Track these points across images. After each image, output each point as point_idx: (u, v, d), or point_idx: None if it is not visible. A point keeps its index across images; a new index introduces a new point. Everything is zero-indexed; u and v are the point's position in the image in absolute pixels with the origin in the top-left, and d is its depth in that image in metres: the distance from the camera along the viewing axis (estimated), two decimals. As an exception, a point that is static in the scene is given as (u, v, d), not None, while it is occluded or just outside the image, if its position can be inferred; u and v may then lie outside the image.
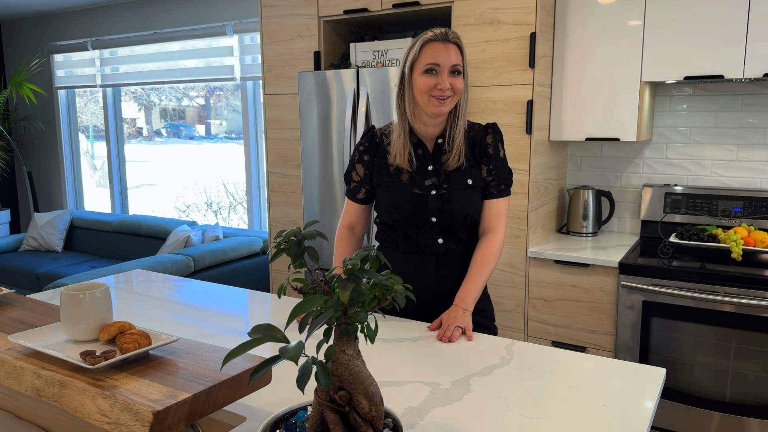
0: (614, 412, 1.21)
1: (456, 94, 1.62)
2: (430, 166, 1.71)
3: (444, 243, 1.73)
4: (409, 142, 1.70)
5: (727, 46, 2.48)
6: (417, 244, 1.75)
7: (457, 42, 1.63)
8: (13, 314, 1.44)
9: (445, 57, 1.59)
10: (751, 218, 2.73)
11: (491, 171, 1.71)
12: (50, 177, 6.01)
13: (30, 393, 1.10)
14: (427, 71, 1.60)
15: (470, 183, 1.70)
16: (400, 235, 1.76)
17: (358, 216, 1.85)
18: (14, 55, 5.99)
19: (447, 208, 1.69)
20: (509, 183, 1.75)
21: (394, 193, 1.71)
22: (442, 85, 1.59)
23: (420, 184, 1.70)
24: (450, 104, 1.63)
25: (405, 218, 1.71)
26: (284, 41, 3.28)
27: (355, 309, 0.93)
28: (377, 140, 1.77)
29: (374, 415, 0.91)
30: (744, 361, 2.34)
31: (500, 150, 1.73)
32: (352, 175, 1.80)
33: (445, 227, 1.72)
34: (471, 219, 1.72)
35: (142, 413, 0.94)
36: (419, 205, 1.70)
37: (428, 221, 1.71)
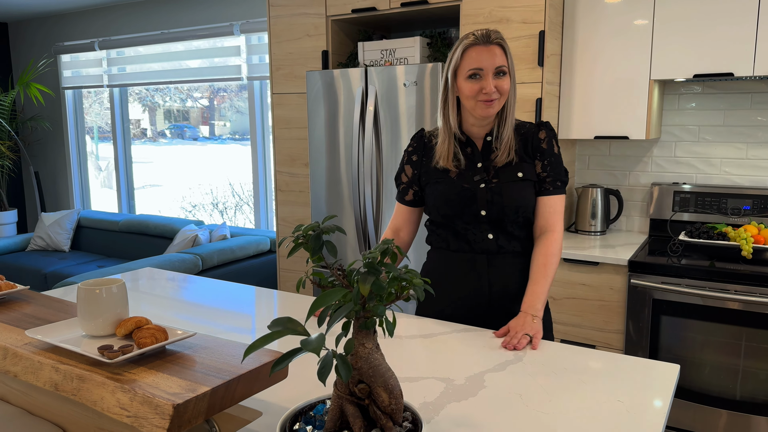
0: (630, 408, 1.21)
1: (503, 95, 1.61)
2: (479, 163, 1.69)
3: (495, 239, 1.68)
4: (456, 141, 1.69)
5: (737, 44, 2.48)
6: (467, 240, 1.70)
7: (499, 42, 1.60)
8: (28, 310, 1.45)
9: (488, 60, 1.57)
10: (761, 216, 2.73)
11: (546, 167, 1.67)
12: (57, 177, 6.04)
13: (48, 387, 1.11)
14: (471, 76, 1.58)
15: (521, 176, 1.66)
16: (450, 232, 1.73)
17: (405, 219, 1.82)
18: (22, 56, 6.01)
19: (497, 200, 1.65)
20: (565, 180, 1.70)
21: (442, 187, 1.69)
22: (488, 89, 1.57)
23: (469, 179, 1.68)
24: (498, 105, 1.62)
25: (454, 212, 1.68)
26: (292, 40, 3.29)
27: (374, 302, 0.93)
28: (425, 141, 1.76)
29: (394, 408, 0.91)
30: (754, 360, 2.33)
31: (554, 146, 1.70)
32: (401, 176, 1.80)
33: (496, 222, 1.67)
34: (523, 213, 1.67)
35: (163, 406, 0.95)
36: (468, 198, 1.66)
37: (477, 215, 1.67)
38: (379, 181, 2.95)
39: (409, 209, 1.81)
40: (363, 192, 2.97)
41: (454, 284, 1.74)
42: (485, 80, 1.57)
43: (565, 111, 2.85)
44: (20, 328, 1.30)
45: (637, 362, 1.44)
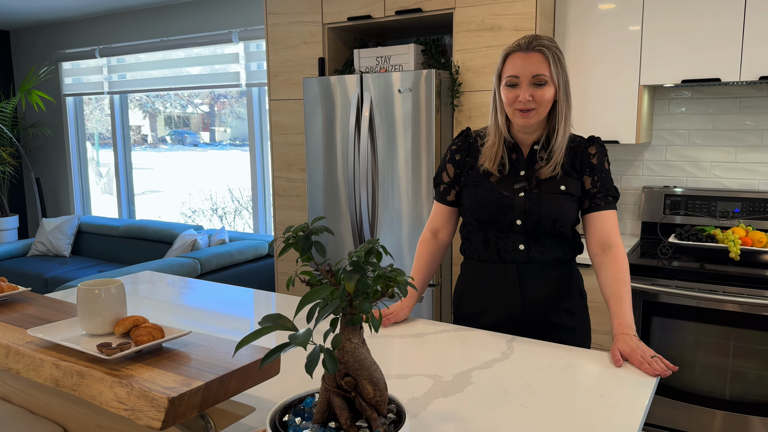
0: (611, 402, 1.25)
1: (541, 104, 1.55)
2: (523, 171, 1.65)
3: (526, 250, 1.64)
4: (504, 146, 1.66)
5: (724, 50, 2.53)
6: (497, 250, 1.67)
7: (541, 49, 1.54)
8: (30, 311, 1.49)
9: (524, 68, 1.54)
10: (750, 219, 2.77)
11: (596, 182, 1.62)
12: (58, 183, 6.09)
13: (49, 383, 1.15)
14: (509, 84, 1.57)
15: (563, 189, 1.61)
16: (481, 240, 1.69)
17: (445, 220, 1.78)
18: (23, 63, 6.07)
19: (534, 210, 1.61)
20: (616, 197, 1.65)
21: (480, 191, 1.66)
22: (522, 98, 1.54)
23: (509, 186, 1.64)
24: (536, 116, 1.57)
25: (489, 218, 1.65)
26: (289, 48, 3.35)
27: (360, 300, 0.98)
28: (471, 141, 1.73)
29: (378, 400, 0.96)
30: (743, 360, 2.37)
31: (605, 162, 1.65)
32: (443, 176, 1.76)
33: (530, 233, 1.63)
34: (560, 227, 1.62)
35: (158, 400, 0.99)
36: (504, 206, 1.63)
37: (512, 224, 1.63)
38: (374, 185, 3.00)
39: (450, 210, 1.77)
40: (359, 196, 3.01)
41: (486, 295, 1.72)
42: (521, 89, 1.55)
43: (557, 116, 2.90)
44: (22, 328, 1.34)
45: (619, 359, 1.48)
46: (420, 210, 2.87)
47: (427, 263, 1.80)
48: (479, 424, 1.16)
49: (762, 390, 2.35)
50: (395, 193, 2.94)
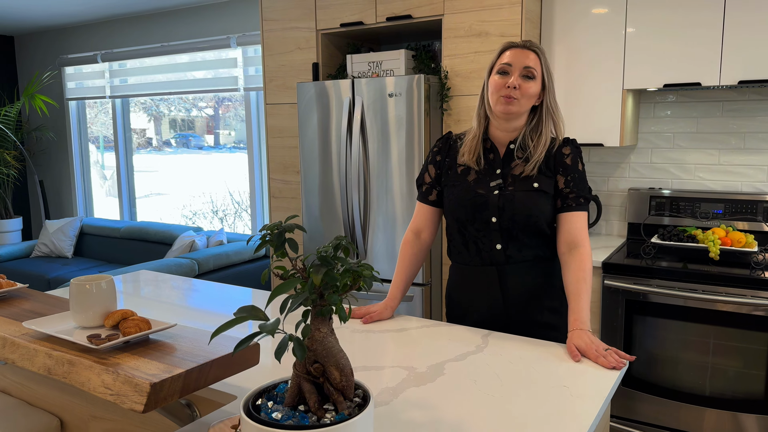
0: (573, 392, 1.32)
1: (524, 96, 1.62)
2: (499, 169, 1.71)
3: (503, 249, 1.69)
4: (482, 145, 1.72)
5: (704, 55, 2.59)
6: (477, 251, 1.73)
7: (536, 50, 1.65)
8: (27, 306, 1.57)
9: (519, 58, 1.62)
10: (732, 220, 2.83)
11: (569, 182, 1.66)
12: (61, 185, 6.19)
13: (42, 371, 1.23)
14: (500, 72, 1.64)
15: (536, 186, 1.66)
16: (461, 242, 1.75)
17: (427, 220, 1.84)
18: (27, 68, 6.18)
19: (508, 207, 1.66)
20: (588, 198, 1.69)
21: (458, 191, 1.72)
22: (510, 83, 1.60)
23: (485, 185, 1.70)
24: (517, 106, 1.63)
25: (465, 217, 1.71)
26: (284, 53, 3.43)
27: (329, 292, 1.05)
28: (451, 142, 1.80)
29: (345, 385, 1.03)
30: (722, 357, 2.44)
31: (578, 163, 1.69)
32: (425, 177, 1.83)
33: (506, 230, 1.68)
34: (534, 222, 1.67)
35: (141, 385, 1.07)
36: (480, 204, 1.69)
37: (488, 222, 1.69)
38: (366, 187, 3.08)
39: (432, 210, 1.83)
40: (351, 198, 3.09)
41: (471, 298, 1.78)
42: (511, 76, 1.62)
43: (544, 119, 2.97)
44: (18, 321, 1.42)
45: (590, 353, 1.55)
46: (411, 211, 2.94)
47: (409, 264, 1.86)
48: (445, 410, 1.23)
49: (741, 386, 2.41)
50: (387, 195, 3.01)
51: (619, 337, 2.62)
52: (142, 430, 1.56)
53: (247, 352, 1.25)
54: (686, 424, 2.54)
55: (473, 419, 1.20)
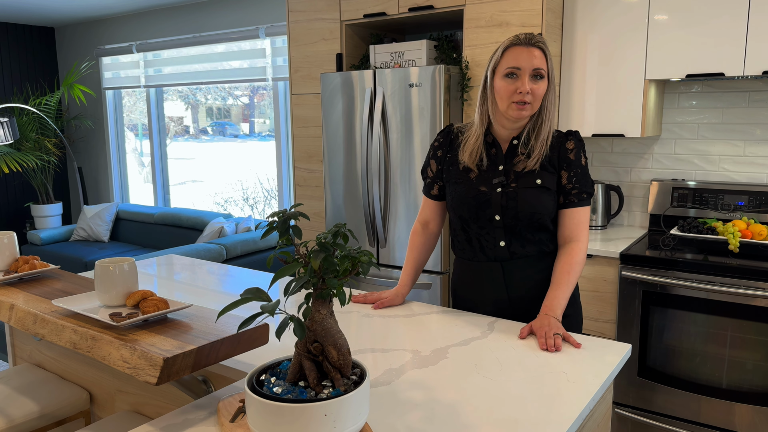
0: (571, 377, 1.36)
1: (536, 99, 1.61)
2: (501, 166, 1.70)
3: (507, 246, 1.70)
4: (484, 142, 1.71)
5: (728, 45, 2.56)
6: (480, 247, 1.74)
7: (541, 46, 1.61)
8: (58, 286, 1.68)
9: (527, 60, 1.58)
10: (754, 212, 2.80)
11: (572, 178, 1.67)
12: (98, 172, 6.41)
13: (68, 346, 1.32)
14: (508, 75, 1.60)
15: (539, 183, 1.66)
16: (465, 238, 1.76)
17: (433, 212, 1.87)
18: (66, 58, 6.40)
19: (511, 205, 1.66)
20: (591, 192, 1.69)
21: (460, 189, 1.72)
22: (522, 89, 1.58)
23: (488, 182, 1.69)
24: (530, 110, 1.62)
25: (469, 215, 1.71)
26: (309, 44, 3.49)
27: (329, 277, 1.11)
28: (452, 137, 1.78)
29: (342, 363, 1.09)
30: (739, 350, 2.42)
31: (582, 158, 1.69)
32: (427, 171, 1.83)
33: (510, 227, 1.69)
34: (538, 220, 1.67)
35: (155, 359, 1.15)
36: (483, 202, 1.69)
37: (492, 220, 1.69)
38: (387, 176, 3.13)
39: (435, 203, 1.85)
40: (372, 187, 3.15)
41: (475, 293, 1.79)
42: (521, 80, 1.58)
43: (565, 110, 2.97)
44: (48, 299, 1.53)
45: (594, 341, 1.58)
46: (429, 200, 2.98)
47: (419, 253, 1.91)
48: (443, 391, 1.29)
49: (758, 380, 2.40)
50: (407, 184, 3.06)
51: (636, 328, 2.63)
52: (162, 402, 1.65)
53: (256, 332, 1.32)
54: (702, 416, 2.53)
55: (468, 400, 1.25)
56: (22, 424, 1.70)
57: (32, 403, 1.76)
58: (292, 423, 0.99)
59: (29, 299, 1.53)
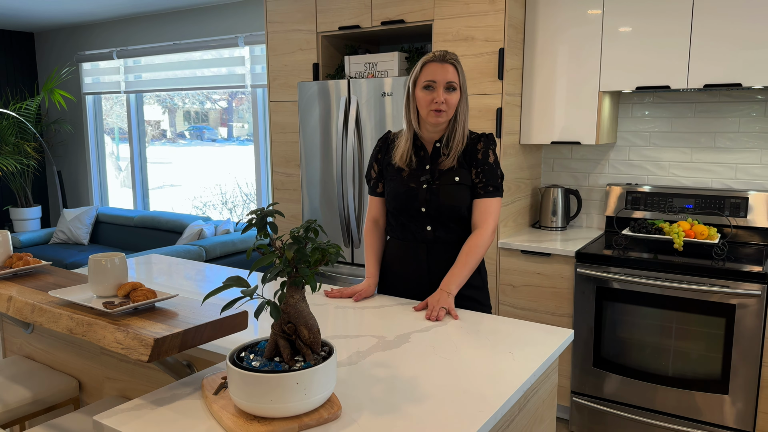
0: (517, 357, 1.54)
1: (450, 107, 1.89)
2: (428, 165, 1.98)
3: (432, 231, 1.99)
4: (413, 145, 1.99)
5: (674, 60, 2.78)
6: (410, 231, 2.02)
7: (453, 62, 1.89)
8: (51, 280, 1.81)
9: (441, 75, 1.87)
10: (701, 214, 3.02)
11: (479, 173, 1.95)
12: (78, 176, 6.47)
13: (65, 331, 1.46)
14: (426, 87, 1.89)
15: (457, 180, 1.95)
16: (398, 223, 2.04)
17: (380, 209, 2.12)
18: (46, 64, 6.46)
19: (434, 199, 1.95)
20: (497, 185, 1.96)
21: (394, 185, 2.01)
22: (438, 99, 1.87)
23: (416, 179, 1.98)
24: (446, 116, 1.90)
25: (400, 207, 2.00)
26: (287, 54, 3.65)
27: (301, 266, 1.27)
28: (389, 142, 2.08)
29: (312, 341, 1.26)
30: (683, 341, 2.64)
31: (489, 156, 1.96)
32: (371, 173, 2.11)
33: (434, 217, 1.97)
34: (456, 211, 1.96)
35: (146, 340, 1.30)
36: (411, 196, 1.97)
37: (419, 211, 1.98)
38: (361, 181, 3.29)
39: (382, 200, 2.11)
40: (346, 191, 3.31)
41: (401, 268, 2.07)
42: (437, 92, 1.87)
43: (526, 119, 3.17)
44: (44, 291, 1.66)
45: (541, 327, 1.76)
46: (400, 203, 3.16)
47: (376, 248, 2.14)
48: (402, 368, 1.46)
49: (701, 368, 2.61)
50: (379, 187, 3.23)
51: (590, 321, 2.83)
52: (149, 387, 1.80)
53: (237, 318, 1.48)
54: (650, 402, 2.74)
55: (424, 375, 1.42)
56: (16, 409, 1.83)
57: (25, 390, 1.89)
58: (268, 391, 1.15)
59: (25, 291, 1.67)
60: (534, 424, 1.59)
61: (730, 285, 2.50)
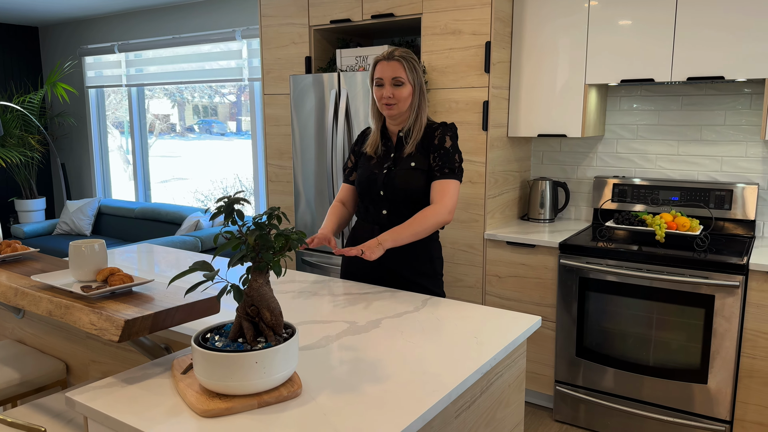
0: (481, 342, 1.59)
1: (399, 101, 2.06)
2: (392, 153, 2.16)
3: (387, 214, 2.15)
4: (381, 136, 2.18)
5: (657, 53, 2.80)
6: (370, 213, 2.19)
7: (399, 59, 2.04)
8: (37, 266, 1.88)
9: (389, 72, 2.04)
10: (686, 206, 3.05)
11: (436, 158, 2.09)
12: (81, 168, 6.57)
13: (45, 314, 1.53)
14: (377, 84, 2.08)
15: (413, 165, 2.10)
16: (363, 206, 2.22)
17: (348, 195, 2.31)
18: (50, 57, 6.55)
19: (390, 183, 2.12)
20: (453, 168, 2.08)
21: (361, 171, 2.21)
22: (385, 94, 2.05)
23: (380, 166, 2.15)
24: (397, 108, 2.07)
25: (364, 191, 2.18)
26: (280, 47, 3.70)
27: (264, 251, 1.33)
28: (365, 136, 2.28)
29: (274, 323, 1.31)
30: (663, 330, 2.67)
31: (446, 141, 2.09)
32: (348, 162, 2.31)
33: (391, 200, 2.13)
34: (411, 195, 2.10)
35: (117, 321, 1.36)
36: (372, 180, 2.15)
37: (378, 194, 2.14)
38: (351, 172, 3.34)
39: (351, 187, 2.31)
40: (338, 182, 3.36)
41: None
42: (385, 87, 2.05)
43: (514, 111, 3.20)
44: (28, 276, 1.73)
45: (508, 314, 1.81)
46: (389, 195, 3.20)
47: (336, 216, 2.25)
48: (368, 351, 1.51)
49: (681, 358, 2.65)
50: (368, 179, 3.27)
51: (573, 311, 2.87)
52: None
53: (208, 302, 1.53)
54: (632, 392, 2.78)
55: (388, 358, 1.47)
56: (5, 389, 1.90)
57: (13, 372, 1.96)
58: (228, 370, 1.21)
59: (11, 276, 1.73)
60: (498, 407, 1.65)
61: (710, 276, 2.53)
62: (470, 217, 3.14)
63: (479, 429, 1.54)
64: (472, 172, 3.10)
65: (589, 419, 2.91)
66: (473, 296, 3.19)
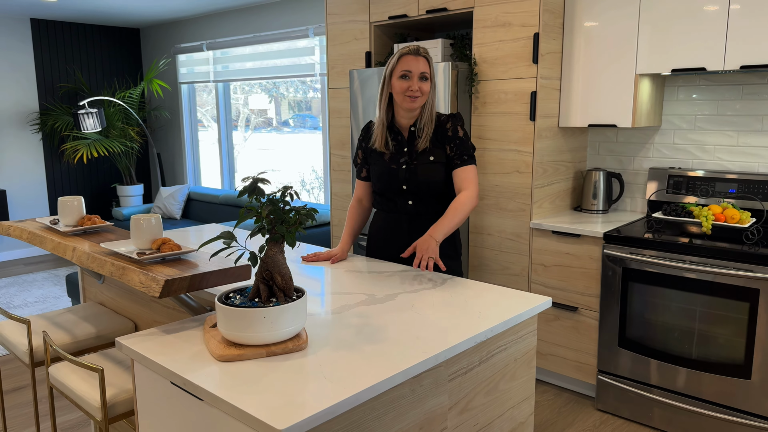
0: (483, 317, 1.70)
1: (423, 95, 2.18)
2: (405, 148, 2.26)
3: (414, 205, 2.28)
4: (390, 131, 2.26)
5: (710, 40, 2.74)
6: (395, 204, 2.31)
7: (425, 56, 2.18)
8: (111, 237, 2.19)
9: (416, 66, 2.15)
10: (744, 199, 2.95)
11: (453, 148, 2.22)
12: (174, 158, 7.14)
13: (108, 274, 1.81)
14: (402, 76, 2.16)
15: (432, 159, 2.22)
16: (384, 199, 2.34)
17: (364, 191, 2.43)
18: (148, 56, 7.16)
19: (413, 178, 2.24)
20: (471, 154, 2.22)
21: (377, 168, 2.30)
22: (413, 87, 2.15)
23: (396, 161, 2.26)
24: (419, 102, 2.18)
25: (384, 186, 2.29)
26: (344, 43, 3.91)
27: (278, 224, 1.52)
28: (370, 131, 2.35)
29: (285, 286, 1.50)
30: (708, 324, 2.63)
31: (458, 131, 2.22)
32: (357, 159, 2.41)
33: (414, 193, 2.26)
34: (434, 187, 2.23)
35: (159, 281, 1.60)
36: (393, 176, 2.26)
37: (401, 188, 2.27)
38: (404, 161, 3.50)
39: (366, 183, 2.41)
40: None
41: (386, 237, 2.35)
42: (412, 80, 2.15)
43: (565, 102, 3.23)
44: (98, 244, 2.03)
45: (519, 294, 1.90)
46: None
47: (355, 222, 2.42)
48: (376, 319, 1.67)
49: (724, 352, 2.60)
50: (420, 168, 3.41)
51: (616, 301, 2.88)
52: (182, 329, 2.12)
53: (240, 269, 1.75)
54: (674, 384, 2.76)
55: (393, 325, 1.62)
56: (84, 341, 2.23)
57: (92, 327, 2.29)
58: (242, 323, 1.41)
59: (87, 244, 2.04)
60: (502, 379, 1.75)
61: (754, 269, 2.48)
62: (517, 206, 3.21)
63: (477, 396, 1.66)
64: (518, 161, 3.16)
65: (632, 410, 2.91)
66: (519, 284, 3.26)
